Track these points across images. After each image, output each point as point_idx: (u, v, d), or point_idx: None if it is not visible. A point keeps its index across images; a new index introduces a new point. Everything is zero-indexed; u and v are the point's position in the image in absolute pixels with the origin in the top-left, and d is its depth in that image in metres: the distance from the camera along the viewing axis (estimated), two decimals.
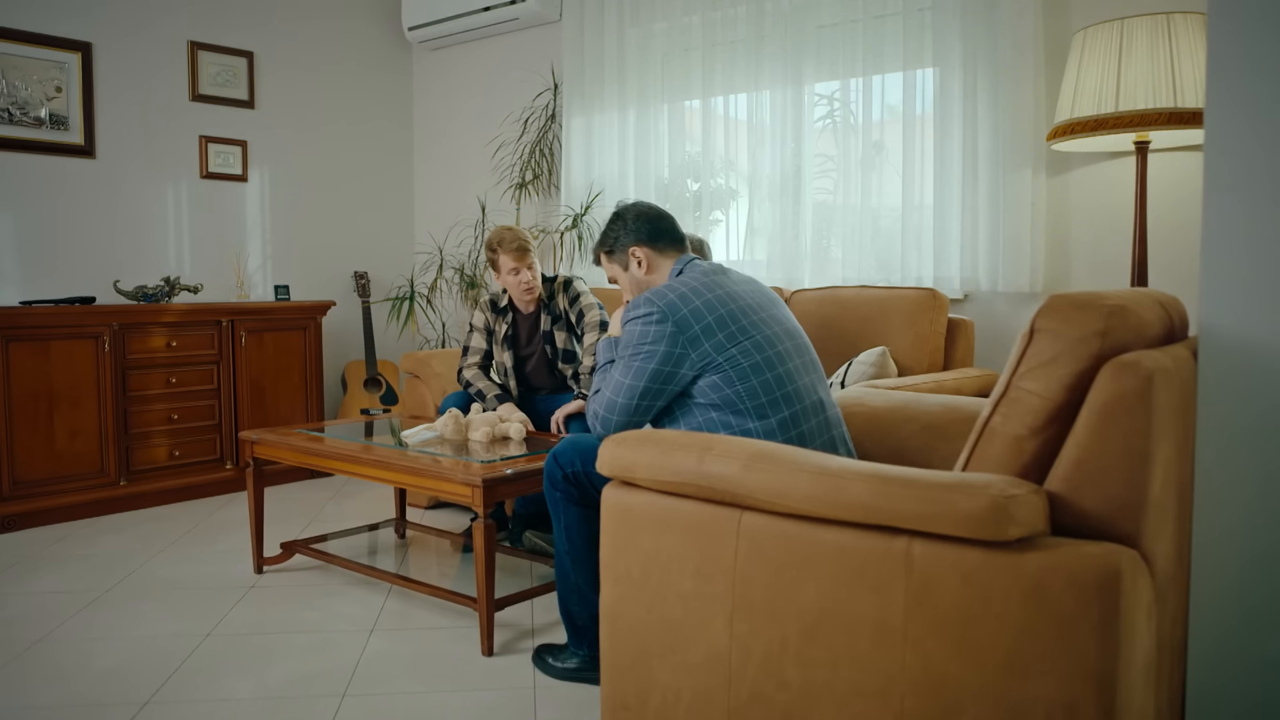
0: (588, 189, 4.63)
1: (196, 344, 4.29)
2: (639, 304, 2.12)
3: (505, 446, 2.92)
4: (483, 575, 2.45)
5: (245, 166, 4.88)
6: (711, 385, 2.08)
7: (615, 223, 2.34)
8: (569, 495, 2.19)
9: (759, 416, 2.08)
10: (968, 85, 3.54)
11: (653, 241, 2.30)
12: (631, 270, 2.32)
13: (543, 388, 3.64)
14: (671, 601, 1.80)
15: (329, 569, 3.23)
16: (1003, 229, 3.51)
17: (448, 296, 5.32)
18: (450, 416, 2.96)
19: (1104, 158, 3.43)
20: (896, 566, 1.54)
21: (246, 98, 4.87)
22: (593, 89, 4.61)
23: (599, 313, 3.49)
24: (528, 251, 3.43)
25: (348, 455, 2.79)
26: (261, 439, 3.08)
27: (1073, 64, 3.09)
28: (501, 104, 5.10)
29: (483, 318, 3.62)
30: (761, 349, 2.11)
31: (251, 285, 4.90)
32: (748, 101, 4.14)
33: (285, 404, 4.62)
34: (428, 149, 5.56)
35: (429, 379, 4.03)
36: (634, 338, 2.10)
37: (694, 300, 2.10)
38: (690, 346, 2.07)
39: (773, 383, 2.10)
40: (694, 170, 4.39)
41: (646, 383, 2.08)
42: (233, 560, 3.35)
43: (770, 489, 1.65)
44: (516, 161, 4.94)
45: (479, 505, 2.42)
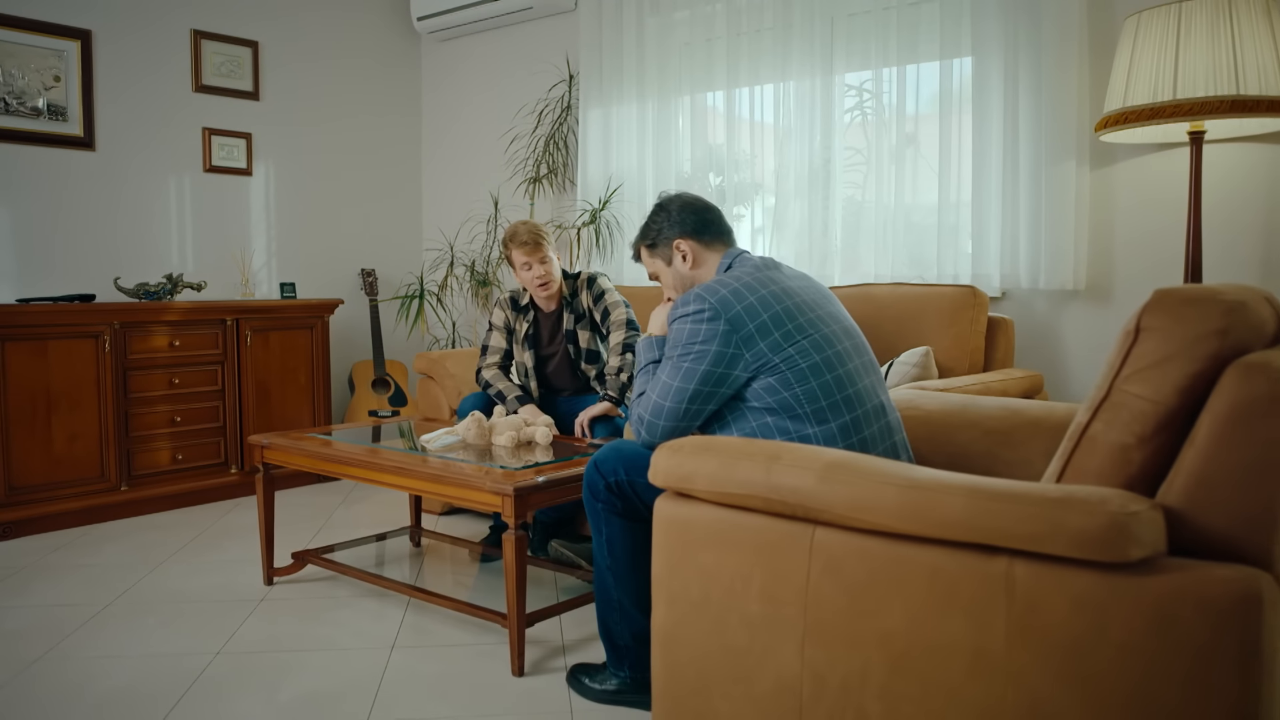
0: (605, 183, 4.48)
1: (200, 343, 4.13)
2: (688, 300, 1.97)
3: (531, 451, 2.77)
4: (514, 590, 2.29)
5: (250, 160, 4.72)
6: (767, 388, 1.93)
7: (658, 214, 2.19)
8: (611, 506, 2.04)
9: (818, 421, 1.93)
10: (1008, 74, 3.39)
11: (699, 234, 2.15)
12: (676, 265, 2.17)
13: (565, 389, 3.49)
14: (734, 625, 1.66)
15: (343, 580, 3.07)
16: (1045, 224, 3.36)
17: (458, 295, 5.17)
18: (473, 420, 2.80)
19: (1151, 149, 3.28)
20: (996, 589, 1.39)
21: (251, 89, 4.71)
22: (610, 80, 4.46)
23: (625, 311, 3.34)
24: (541, 244, 3.27)
25: (365, 461, 2.63)
26: (272, 443, 2.92)
27: (1124, 50, 2.95)
28: (514, 96, 4.94)
29: (502, 315, 3.46)
30: (820, 348, 1.96)
31: (256, 283, 4.74)
32: (774, 93, 3.99)
33: (291, 406, 4.46)
34: (437, 142, 5.41)
35: (443, 380, 3.88)
36: (683, 337, 1.95)
37: (748, 296, 1.95)
38: (744, 346, 1.92)
39: (832, 385, 1.95)
40: (717, 164, 4.24)
41: (697, 385, 1.93)
42: (241, 571, 3.19)
43: (850, 503, 1.50)
44: (530, 155, 4.78)
45: (510, 516, 2.27)
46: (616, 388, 3.21)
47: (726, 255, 2.13)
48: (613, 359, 3.28)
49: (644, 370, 2.15)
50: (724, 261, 2.12)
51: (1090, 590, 1.31)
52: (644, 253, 2.25)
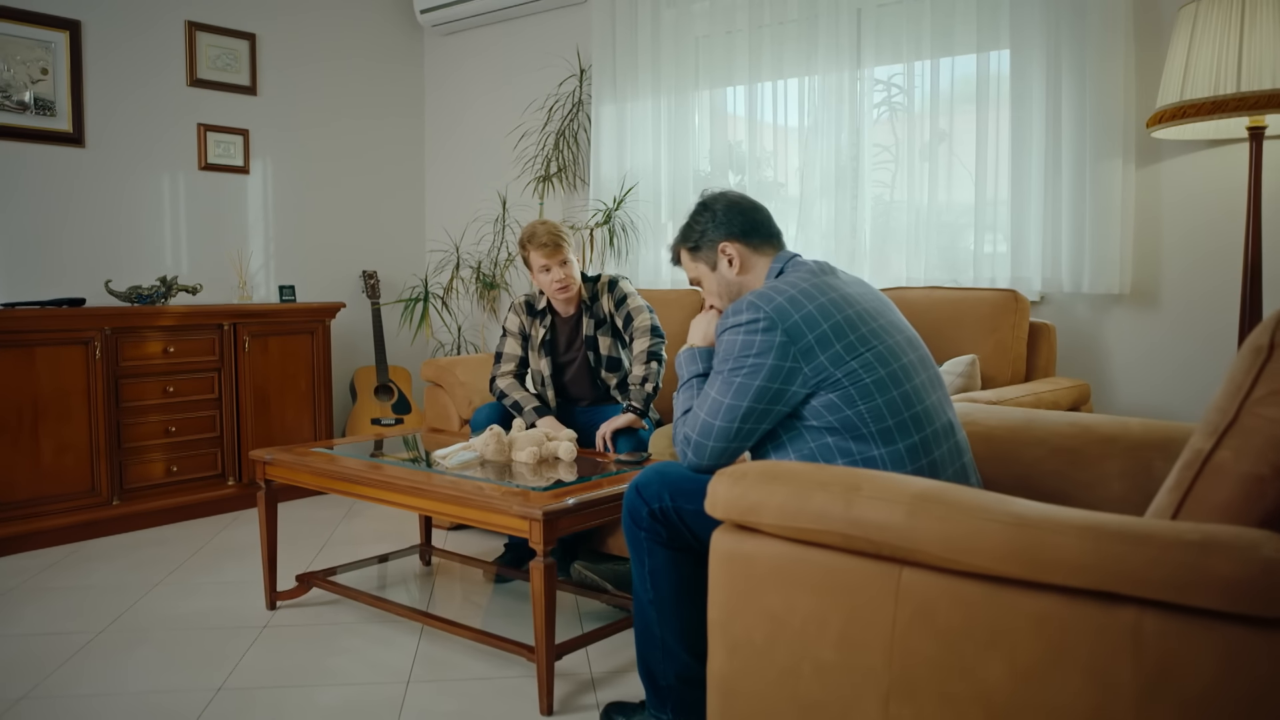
0: (618, 182, 4.30)
1: (196, 349, 3.94)
2: (740, 309, 1.79)
3: (554, 469, 2.59)
4: (542, 623, 2.11)
5: (247, 157, 4.52)
6: (827, 405, 1.75)
7: (702, 214, 2.01)
8: (655, 535, 1.86)
9: (885, 442, 1.76)
10: (1050, 67, 3.22)
11: (747, 237, 1.96)
12: (721, 270, 1.99)
13: (583, 398, 3.31)
14: (806, 676, 1.47)
15: (350, 604, 2.88)
16: (1089, 224, 3.19)
17: (464, 298, 4.98)
18: (491, 435, 2.62)
19: (1200, 146, 3.12)
20: (1121, 644, 1.21)
21: (248, 83, 4.52)
22: (625, 75, 4.28)
23: (649, 316, 3.16)
24: (561, 246, 3.09)
25: (378, 480, 2.44)
26: (276, 459, 2.73)
27: (1180, 41, 2.78)
28: (523, 91, 4.76)
29: (517, 321, 3.28)
30: (885, 362, 1.78)
31: (254, 286, 4.54)
32: (799, 88, 3.81)
33: (292, 414, 4.27)
34: (442, 140, 5.21)
35: (452, 388, 3.69)
36: (735, 349, 1.77)
37: (806, 304, 1.77)
38: (803, 359, 1.74)
39: (899, 402, 1.77)
40: (737, 162, 4.06)
41: (750, 402, 1.75)
42: (242, 594, 3.00)
43: (946, 541, 1.32)
44: (540, 153, 4.59)
45: (538, 542, 2.09)
46: (641, 398, 3.03)
47: (777, 259, 1.96)
48: (636, 368, 3.09)
49: (687, 385, 1.98)
50: (774, 266, 1.95)
51: (1241, 649, 1.14)
52: (685, 256, 2.07)
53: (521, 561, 3.22)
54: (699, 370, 1.98)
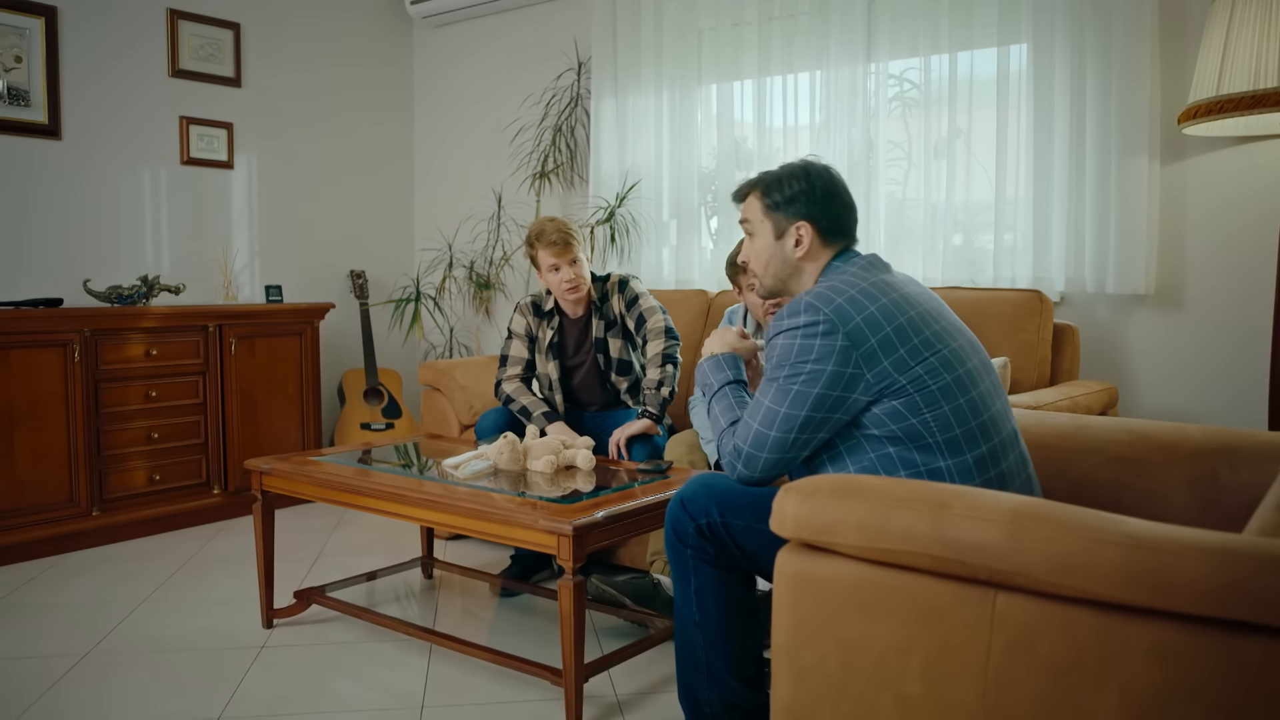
0: (618, 179, 4.16)
1: (179, 352, 3.75)
2: (797, 311, 1.66)
3: (571, 478, 2.45)
4: (571, 644, 1.97)
5: (231, 151, 4.34)
6: (890, 413, 1.63)
7: (800, 180, 1.80)
8: (702, 553, 1.73)
9: (951, 452, 1.64)
10: (1074, 61, 3.13)
11: (829, 231, 1.81)
12: (784, 244, 1.81)
13: (592, 403, 3.17)
14: (886, 710, 1.35)
15: (351, 621, 2.72)
16: (1114, 223, 3.10)
17: (456, 298, 4.82)
18: (505, 442, 2.48)
19: (1228, 143, 3.04)
20: (1252, 679, 1.10)
21: (233, 74, 4.34)
22: (626, 68, 4.15)
23: (663, 318, 3.03)
24: (571, 244, 2.96)
25: (389, 493, 2.29)
26: (274, 469, 2.57)
27: (1215, 33, 2.69)
28: (519, 85, 4.61)
29: (523, 322, 3.14)
30: (950, 367, 1.67)
31: (238, 285, 4.36)
32: (809, 82, 3.69)
33: (279, 420, 4.09)
34: (433, 135, 5.05)
35: (452, 393, 3.54)
36: (792, 354, 1.65)
37: (867, 306, 1.65)
38: (866, 365, 1.62)
39: (966, 410, 1.65)
40: (744, 159, 3.94)
41: (809, 411, 1.63)
42: (236, 611, 2.83)
43: (1052, 564, 1.20)
44: (537, 150, 4.45)
45: (567, 558, 1.95)
46: (656, 403, 2.90)
47: (839, 258, 1.81)
48: (651, 371, 2.96)
49: (718, 395, 1.84)
50: (834, 265, 1.80)
51: None
52: (755, 203, 1.85)
53: (529, 574, 3.08)
54: (729, 378, 1.85)
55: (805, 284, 1.83)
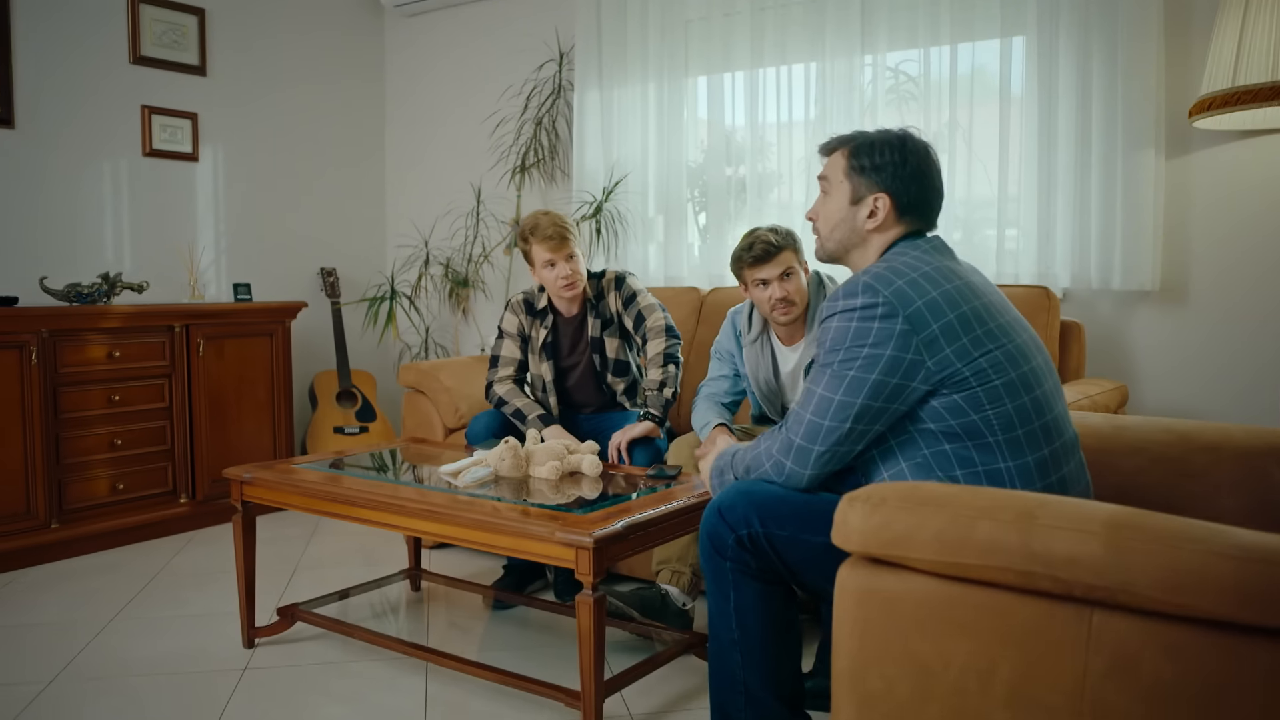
0: (603, 173, 4.03)
1: (144, 354, 3.55)
2: (854, 291, 1.54)
3: (577, 485, 2.32)
4: (590, 665, 1.84)
5: (196, 143, 4.14)
6: (950, 407, 1.52)
7: (894, 151, 1.68)
8: (743, 566, 1.61)
9: (1013, 454, 1.54)
10: (1080, 52, 3.06)
11: (908, 209, 1.68)
12: (857, 212, 1.68)
13: (588, 405, 3.04)
14: None
15: (338, 639, 2.56)
16: (1120, 218, 3.04)
17: (433, 297, 4.66)
18: (507, 448, 2.34)
19: (1234, 136, 2.99)
20: None
21: (197, 62, 4.13)
22: (611, 60, 4.01)
23: (662, 316, 2.91)
24: (567, 239, 2.83)
25: (387, 503, 2.13)
26: (256, 478, 2.40)
27: (1229, 23, 2.63)
28: (498, 76, 4.45)
29: (515, 321, 3.00)
30: (1016, 363, 1.56)
31: (204, 283, 4.15)
32: (804, 74, 3.59)
33: (250, 424, 3.90)
34: (407, 128, 4.87)
35: (436, 395, 3.38)
36: (846, 338, 1.53)
37: (929, 290, 1.54)
38: (926, 351, 1.51)
39: (1029, 409, 1.55)
40: (736, 153, 3.83)
41: (865, 399, 1.52)
42: (213, 630, 2.66)
43: (1160, 579, 1.10)
44: (516, 144, 4.30)
45: (587, 573, 1.82)
46: (659, 404, 2.77)
47: (905, 238, 1.69)
48: (652, 372, 2.84)
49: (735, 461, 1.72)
50: (898, 245, 1.68)
51: None
52: (840, 159, 1.72)
53: (523, 585, 2.94)
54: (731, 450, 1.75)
55: (868, 257, 1.71)
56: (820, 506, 1.60)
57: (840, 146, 1.75)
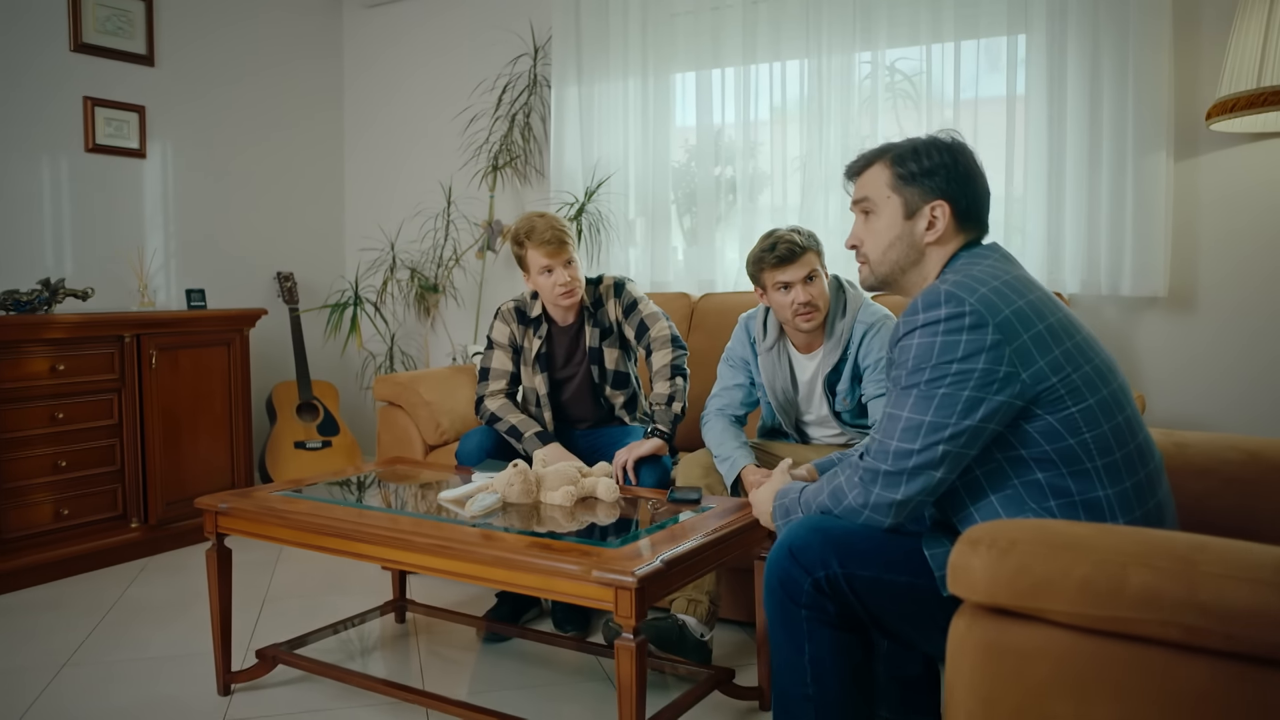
0: (583, 173, 3.85)
1: (90, 367, 3.26)
2: (935, 303, 1.39)
3: (593, 511, 2.13)
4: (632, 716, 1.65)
5: (143, 138, 3.84)
6: (1045, 432, 1.38)
7: (941, 153, 1.54)
8: (820, 614, 1.44)
9: (1112, 480, 1.40)
10: (1089, 52, 2.98)
11: (965, 215, 1.54)
12: (914, 224, 1.54)
13: (584, 419, 2.85)
14: None
15: (324, 683, 2.33)
16: (1131, 223, 2.96)
17: (398, 302, 4.41)
18: (516, 472, 2.14)
19: (1243, 140, 2.93)
20: None
21: (144, 51, 3.83)
22: (592, 54, 3.83)
23: (667, 325, 2.73)
24: (566, 243, 2.65)
25: (390, 537, 1.91)
26: (234, 507, 2.16)
27: (1252, 23, 2.56)
28: (468, 70, 4.23)
29: (506, 331, 2.79)
30: (1105, 380, 1.43)
31: (154, 289, 3.85)
32: (799, 71, 3.45)
33: (206, 441, 3.62)
34: (371, 124, 4.61)
35: (415, 409, 3.16)
36: (932, 354, 1.38)
37: (1014, 299, 1.40)
38: (1020, 363, 1.36)
39: (1125, 430, 1.42)
40: (726, 153, 3.67)
41: (957, 419, 1.37)
42: (182, 674, 2.40)
43: None
44: (488, 141, 4.09)
45: (629, 616, 1.63)
46: (668, 420, 2.60)
47: (966, 249, 1.55)
48: (659, 385, 2.66)
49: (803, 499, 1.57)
50: (960, 257, 1.54)
51: None
52: (880, 172, 1.57)
53: (518, 615, 2.74)
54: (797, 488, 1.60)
55: (926, 275, 1.56)
56: (902, 543, 1.45)
57: (877, 159, 1.60)
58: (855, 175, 1.64)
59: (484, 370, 2.80)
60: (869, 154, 1.63)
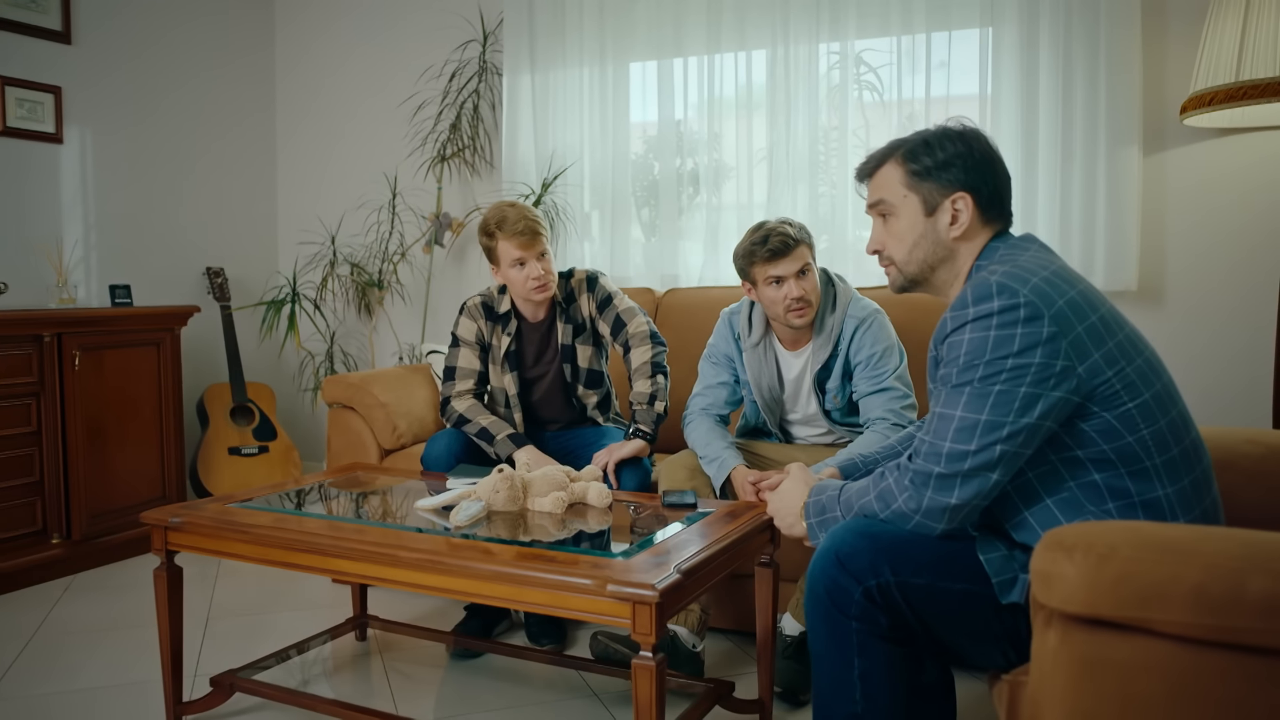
0: (541, 164, 3.70)
1: (6, 369, 2.97)
2: (986, 295, 1.30)
3: (583, 518, 1.99)
4: None
5: (59, 122, 3.54)
6: (1103, 430, 1.30)
7: (954, 142, 1.46)
8: (872, 626, 1.33)
9: (1171, 478, 1.33)
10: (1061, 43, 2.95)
11: (989, 204, 1.46)
12: (936, 222, 1.46)
13: (555, 420, 2.72)
14: None
15: (285, 711, 2.14)
16: (1103, 217, 2.95)
17: (339, 299, 4.19)
18: (502, 478, 1.98)
19: (1209, 135, 2.95)
20: None
21: (59, 28, 3.54)
22: (546, 41, 3.68)
23: (645, 321, 2.61)
24: (540, 235, 2.51)
25: (374, 552, 1.73)
26: (188, 521, 1.95)
27: (1229, 16, 2.55)
28: (413, 56, 4.03)
29: (473, 327, 2.64)
30: (1158, 374, 1.37)
31: (73, 284, 3.56)
32: (766, 60, 3.36)
33: (135, 448, 3.36)
34: (308, 111, 4.36)
35: (370, 412, 2.97)
36: (986, 349, 1.29)
37: (1067, 289, 1.33)
38: (1076, 356, 1.29)
39: (1180, 426, 1.36)
40: (689, 144, 3.56)
41: (1015, 417, 1.28)
42: (125, 707, 2.18)
43: None
44: (435, 131, 3.90)
45: (649, 633, 1.50)
46: (650, 420, 2.48)
47: (998, 240, 1.47)
48: (639, 383, 2.53)
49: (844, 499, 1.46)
50: (995, 247, 1.46)
51: None
52: (893, 171, 1.49)
53: (490, 629, 2.58)
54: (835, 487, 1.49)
55: (959, 271, 1.49)
56: (955, 549, 1.36)
57: (887, 158, 1.52)
58: (866, 177, 1.56)
59: (449, 369, 2.63)
60: (878, 153, 1.55)
